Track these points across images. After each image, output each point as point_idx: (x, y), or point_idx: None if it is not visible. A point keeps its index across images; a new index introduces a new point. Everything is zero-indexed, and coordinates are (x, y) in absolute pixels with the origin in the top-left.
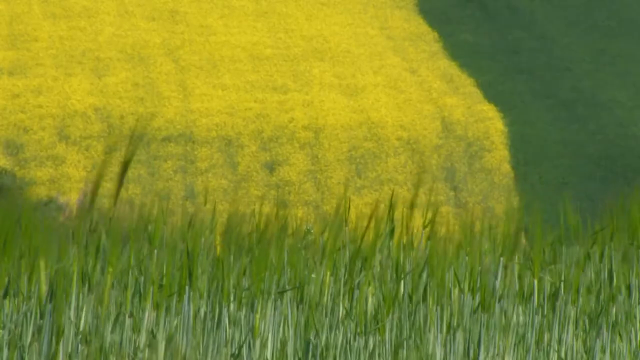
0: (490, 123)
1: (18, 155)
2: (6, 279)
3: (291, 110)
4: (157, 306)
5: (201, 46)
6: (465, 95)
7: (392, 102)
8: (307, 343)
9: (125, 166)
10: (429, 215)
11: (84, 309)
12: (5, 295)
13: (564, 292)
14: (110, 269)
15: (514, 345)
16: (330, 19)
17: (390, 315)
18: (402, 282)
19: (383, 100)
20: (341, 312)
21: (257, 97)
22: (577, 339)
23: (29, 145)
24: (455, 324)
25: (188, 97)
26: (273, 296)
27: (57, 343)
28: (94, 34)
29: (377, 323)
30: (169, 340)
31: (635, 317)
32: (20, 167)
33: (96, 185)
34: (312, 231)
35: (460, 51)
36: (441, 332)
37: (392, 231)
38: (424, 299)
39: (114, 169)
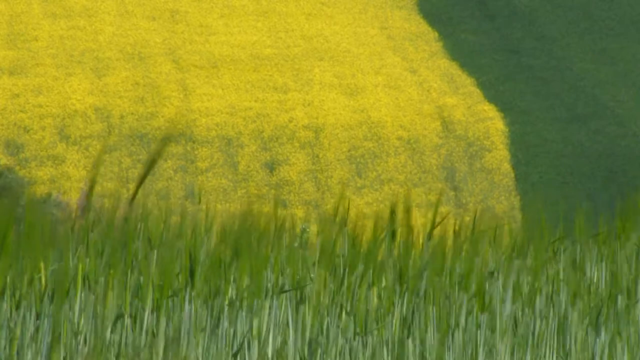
0: (490, 123)
1: (18, 155)
2: (5, 279)
3: (291, 110)
4: (156, 306)
5: (201, 46)
6: (466, 95)
7: (392, 102)
8: (307, 343)
9: (149, 168)
10: (432, 216)
11: (84, 309)
12: (4, 294)
13: (564, 292)
14: (110, 269)
15: (514, 346)
16: (330, 19)
17: (390, 315)
18: (402, 281)
19: (383, 100)
20: (341, 312)
21: (257, 97)
22: (577, 340)
23: (30, 144)
24: (455, 324)
25: (188, 97)
26: (273, 296)
27: (57, 343)
28: (94, 34)
29: (377, 323)
30: (169, 340)
31: (635, 319)
32: (21, 167)
33: (93, 185)
34: (308, 230)
35: (461, 51)
36: (441, 332)
37: (392, 231)
38: (424, 299)
39: (114, 168)
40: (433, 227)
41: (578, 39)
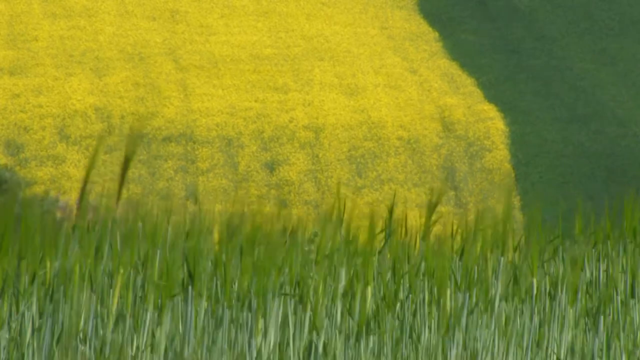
0: (491, 123)
1: (18, 155)
2: (6, 278)
3: (291, 110)
4: (158, 306)
5: (201, 46)
6: (466, 95)
7: (393, 102)
8: (308, 343)
9: (126, 165)
10: (431, 216)
11: (84, 309)
12: (5, 294)
13: (563, 291)
14: (111, 269)
15: (513, 345)
16: (330, 19)
17: (389, 315)
18: (401, 281)
19: (383, 100)
20: (341, 312)
21: (258, 97)
22: (575, 339)
23: (30, 144)
24: (454, 323)
25: (188, 97)
26: (273, 296)
27: (57, 343)
28: (94, 34)
29: (377, 323)
30: (170, 340)
31: (634, 318)
32: (21, 167)
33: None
34: (320, 234)
35: (461, 51)
36: (440, 331)
37: (391, 231)
38: (423, 298)
39: (114, 168)
40: (429, 226)
41: (578, 39)
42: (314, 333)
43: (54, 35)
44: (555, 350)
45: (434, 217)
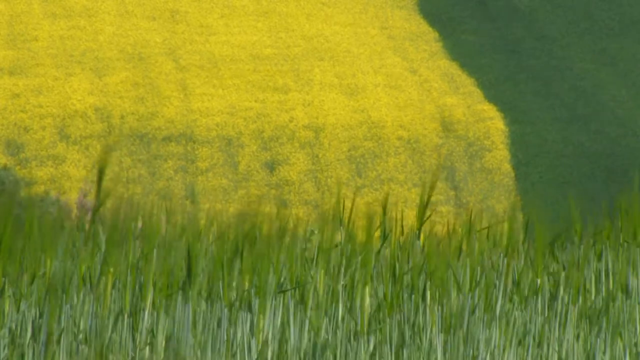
0: (490, 123)
1: (18, 155)
2: (6, 278)
3: (291, 110)
4: (156, 306)
5: (201, 46)
6: (466, 95)
7: (393, 102)
8: (307, 343)
9: (101, 170)
10: (426, 213)
11: (84, 309)
12: (5, 294)
13: (564, 292)
14: (110, 269)
15: (514, 345)
16: (330, 19)
17: (390, 315)
18: (401, 281)
19: (383, 99)
20: (341, 311)
21: (258, 97)
22: (577, 339)
23: (30, 144)
24: (455, 324)
25: (188, 97)
26: (273, 295)
27: (57, 343)
28: (94, 34)
29: (378, 323)
30: (169, 340)
31: (635, 318)
32: (21, 167)
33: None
34: (317, 232)
35: (461, 51)
36: (441, 332)
37: (390, 230)
38: (424, 298)
39: (114, 168)
40: (422, 223)
41: (578, 39)
42: (313, 332)
43: (54, 35)
44: (557, 351)
45: (427, 213)
